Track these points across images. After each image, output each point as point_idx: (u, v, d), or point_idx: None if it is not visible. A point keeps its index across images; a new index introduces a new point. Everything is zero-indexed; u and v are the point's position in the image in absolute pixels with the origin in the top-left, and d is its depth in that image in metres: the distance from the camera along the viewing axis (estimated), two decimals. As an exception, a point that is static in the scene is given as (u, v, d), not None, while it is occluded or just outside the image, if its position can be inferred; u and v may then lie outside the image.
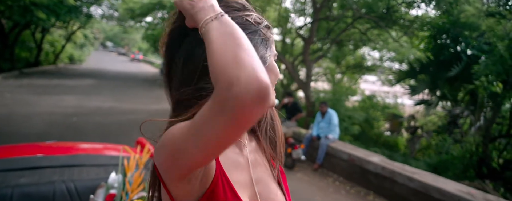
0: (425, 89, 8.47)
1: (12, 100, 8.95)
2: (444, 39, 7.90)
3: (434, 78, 7.94)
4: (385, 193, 4.27)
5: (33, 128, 6.31)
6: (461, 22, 5.78)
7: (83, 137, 5.89)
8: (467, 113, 7.22)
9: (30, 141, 5.21)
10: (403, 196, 4.00)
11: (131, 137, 6.17)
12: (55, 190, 1.57)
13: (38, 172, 1.67)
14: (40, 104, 8.69)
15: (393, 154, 8.41)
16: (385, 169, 4.25)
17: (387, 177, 4.22)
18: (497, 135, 5.19)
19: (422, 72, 8.47)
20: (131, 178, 1.55)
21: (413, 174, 3.96)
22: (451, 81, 7.38)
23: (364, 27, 9.11)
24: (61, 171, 1.72)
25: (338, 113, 8.85)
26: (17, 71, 15.25)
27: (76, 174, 1.72)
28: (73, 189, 1.60)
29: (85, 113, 8.07)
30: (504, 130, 5.05)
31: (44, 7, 11.89)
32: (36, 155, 1.87)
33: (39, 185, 1.57)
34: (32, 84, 12.48)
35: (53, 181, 1.61)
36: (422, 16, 8.20)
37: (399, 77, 9.25)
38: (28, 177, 1.62)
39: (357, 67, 13.14)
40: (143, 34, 20.66)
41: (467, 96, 7.66)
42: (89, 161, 1.86)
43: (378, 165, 4.37)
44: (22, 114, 7.44)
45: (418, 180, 3.82)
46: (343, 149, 5.07)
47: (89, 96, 10.57)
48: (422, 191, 3.73)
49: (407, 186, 3.93)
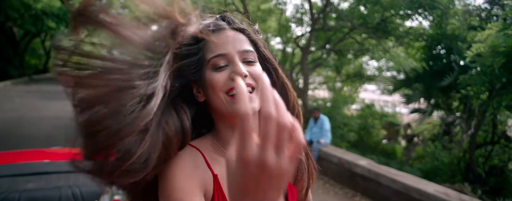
0: (420, 98, 8.70)
1: (22, 105, 9.34)
2: (438, 50, 8.16)
3: (428, 87, 8.18)
4: (371, 194, 4.50)
5: (41, 130, 6.65)
6: (448, 34, 6.05)
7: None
8: (459, 121, 7.44)
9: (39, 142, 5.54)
10: (386, 196, 4.23)
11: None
12: (61, 195, 1.59)
13: (44, 178, 1.71)
14: (48, 108, 9.05)
15: (389, 161, 8.59)
16: (371, 171, 4.49)
17: (373, 179, 4.46)
18: (483, 142, 5.39)
19: (417, 82, 8.71)
20: None
21: (396, 176, 4.20)
22: (444, 90, 7.62)
23: (361, 38, 9.40)
24: (67, 176, 1.75)
25: (335, 120, 9.12)
26: (26, 77, 15.75)
27: (81, 180, 1.75)
28: (79, 194, 1.63)
29: (90, 117, 8.41)
30: (489, 137, 5.27)
31: (54, 16, 12.39)
32: (43, 160, 1.93)
33: (46, 190, 1.60)
34: (40, 90, 12.90)
35: (59, 186, 1.64)
36: (416, 28, 8.48)
37: (395, 86, 9.49)
38: (35, 182, 1.66)
39: (357, 76, 13.40)
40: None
41: (461, 105, 7.88)
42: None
43: (365, 167, 4.61)
44: (31, 117, 7.80)
45: (401, 182, 4.05)
46: (333, 153, 5.32)
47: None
48: (404, 192, 3.96)
49: (391, 187, 4.17)
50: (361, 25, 8.07)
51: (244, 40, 0.75)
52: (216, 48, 0.71)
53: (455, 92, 6.62)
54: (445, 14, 6.18)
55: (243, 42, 0.74)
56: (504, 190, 4.66)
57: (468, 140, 5.49)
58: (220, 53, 0.71)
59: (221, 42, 0.72)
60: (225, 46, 0.72)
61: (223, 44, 0.72)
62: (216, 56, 0.71)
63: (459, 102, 7.91)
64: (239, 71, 0.69)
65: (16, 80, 14.33)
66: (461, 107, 7.90)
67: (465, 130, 6.81)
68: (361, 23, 8.02)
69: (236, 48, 0.72)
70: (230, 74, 0.71)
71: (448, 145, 6.12)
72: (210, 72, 0.71)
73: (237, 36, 0.74)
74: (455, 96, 7.14)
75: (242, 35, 0.75)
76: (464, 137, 6.79)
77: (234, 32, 0.74)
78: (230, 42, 0.72)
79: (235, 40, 0.73)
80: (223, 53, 0.71)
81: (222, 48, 0.71)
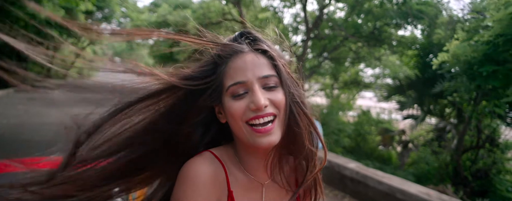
0: (413, 104, 8.93)
1: (24, 111, 9.57)
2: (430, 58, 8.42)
3: (421, 94, 8.42)
4: (359, 196, 4.69)
5: (43, 136, 6.84)
6: (435, 43, 6.31)
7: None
8: (450, 127, 7.65)
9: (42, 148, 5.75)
10: (373, 198, 4.42)
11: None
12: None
13: None
14: (50, 115, 9.27)
15: (384, 166, 8.77)
16: (359, 173, 4.68)
17: (361, 181, 4.65)
18: (470, 146, 5.60)
19: (411, 89, 8.95)
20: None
21: (383, 178, 4.40)
22: (436, 97, 7.84)
23: (356, 46, 9.67)
24: None
25: (329, 126, 9.32)
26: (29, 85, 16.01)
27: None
28: None
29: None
30: (475, 141, 5.48)
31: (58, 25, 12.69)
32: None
33: None
34: (43, 97, 13.13)
35: None
36: (408, 37, 8.75)
37: (390, 93, 9.74)
38: None
39: (354, 83, 13.63)
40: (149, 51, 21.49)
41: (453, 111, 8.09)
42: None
43: (354, 170, 4.81)
44: (33, 123, 8.02)
45: (386, 183, 4.25)
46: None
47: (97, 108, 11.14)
48: (389, 193, 4.15)
49: (377, 189, 4.36)
50: (355, 34, 8.34)
51: (265, 64, 0.69)
52: (235, 75, 0.68)
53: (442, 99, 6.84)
54: (432, 24, 6.44)
55: (264, 67, 0.68)
56: (488, 192, 4.85)
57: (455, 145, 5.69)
58: (238, 81, 0.67)
59: (240, 68, 0.67)
60: (244, 72, 0.67)
61: (242, 70, 0.67)
62: (234, 84, 0.67)
63: (452, 108, 8.14)
64: (258, 104, 0.65)
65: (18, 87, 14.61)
66: (454, 113, 8.12)
67: (455, 135, 7.02)
68: (354, 32, 8.29)
69: (256, 75, 0.67)
70: (250, 104, 0.67)
71: (437, 150, 6.32)
72: (229, 100, 0.68)
73: (257, 61, 0.69)
74: (447, 103, 7.36)
75: (263, 57, 0.70)
76: (454, 142, 6.99)
77: (255, 55, 0.69)
78: (249, 68, 0.67)
79: (255, 65, 0.68)
80: (241, 81, 0.67)
81: (241, 75, 0.67)
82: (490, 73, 3.70)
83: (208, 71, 0.71)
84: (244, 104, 0.67)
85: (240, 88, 0.68)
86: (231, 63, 0.69)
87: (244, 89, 0.68)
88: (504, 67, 3.59)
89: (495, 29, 3.51)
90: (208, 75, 0.71)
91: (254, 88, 0.67)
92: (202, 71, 0.71)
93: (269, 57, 0.70)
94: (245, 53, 0.70)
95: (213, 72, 0.71)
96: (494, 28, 3.53)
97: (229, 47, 0.71)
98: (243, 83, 0.67)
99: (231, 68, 0.68)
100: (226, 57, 0.69)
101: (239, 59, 0.69)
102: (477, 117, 5.17)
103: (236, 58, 0.69)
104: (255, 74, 0.68)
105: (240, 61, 0.68)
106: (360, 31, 8.14)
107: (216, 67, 0.71)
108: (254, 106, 0.66)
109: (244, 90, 0.68)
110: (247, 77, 0.67)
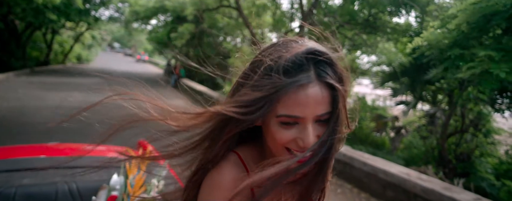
0: (406, 91, 9.12)
1: (24, 95, 9.74)
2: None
3: (413, 81, 8.60)
4: (345, 177, 4.92)
5: (43, 118, 7.04)
6: (427, 30, 6.42)
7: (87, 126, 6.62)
8: (440, 112, 7.85)
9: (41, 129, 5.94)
10: (358, 178, 4.66)
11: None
12: (58, 191, 1.57)
13: (40, 173, 1.69)
14: (49, 98, 9.46)
15: (377, 151, 9.04)
16: (346, 155, 4.90)
17: (347, 162, 4.88)
18: (455, 131, 5.81)
19: (404, 76, 9.12)
20: (133, 180, 1.54)
21: (367, 160, 4.61)
22: (427, 84, 8.02)
23: (351, 33, 9.77)
24: (63, 172, 1.72)
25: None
26: (28, 69, 16.16)
27: (78, 175, 1.81)
28: (75, 190, 1.61)
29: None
30: (459, 126, 5.69)
31: (55, 9, 12.75)
32: (39, 156, 1.92)
33: (42, 186, 1.58)
34: (42, 81, 13.30)
35: (56, 182, 1.62)
36: (402, 24, 8.85)
37: (384, 79, 9.91)
38: (31, 177, 1.64)
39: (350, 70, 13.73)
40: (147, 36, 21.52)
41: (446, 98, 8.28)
42: (91, 162, 2.12)
43: (341, 152, 5.02)
44: (33, 106, 8.20)
45: (371, 164, 4.47)
46: (315, 140, 5.72)
47: (95, 93, 11.33)
48: (372, 173, 4.38)
49: (362, 170, 4.58)
50: (350, 21, 8.44)
51: (327, 100, 0.61)
52: (293, 107, 0.60)
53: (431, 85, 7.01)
54: (424, 12, 6.54)
55: (324, 106, 0.61)
56: (470, 174, 5.08)
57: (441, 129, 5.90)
58: (295, 115, 0.60)
59: (300, 103, 0.60)
60: (303, 108, 0.60)
61: (302, 105, 0.60)
62: (288, 116, 0.61)
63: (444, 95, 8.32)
64: (308, 146, 0.61)
65: (18, 71, 14.75)
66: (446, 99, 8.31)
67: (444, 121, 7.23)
68: (349, 19, 8.38)
69: (315, 113, 0.61)
70: (298, 139, 0.63)
71: (425, 135, 6.54)
72: (276, 125, 0.63)
73: (320, 97, 0.60)
74: (436, 89, 7.53)
75: (327, 91, 0.61)
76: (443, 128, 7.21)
77: (320, 88, 0.61)
78: (311, 105, 0.60)
79: (317, 102, 0.60)
80: (297, 116, 0.61)
81: (299, 110, 0.60)
82: (457, 56, 3.91)
83: (263, 97, 0.61)
84: (291, 135, 0.63)
85: (292, 120, 0.62)
86: (292, 93, 0.59)
87: (295, 121, 0.62)
88: (469, 51, 3.82)
89: (460, 18, 3.68)
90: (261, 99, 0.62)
91: (307, 126, 0.61)
92: (256, 99, 0.61)
93: (333, 90, 0.62)
94: (309, 86, 0.60)
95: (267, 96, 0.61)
96: (459, 17, 3.70)
97: (294, 76, 0.60)
98: (297, 118, 0.61)
99: (291, 99, 0.60)
100: (286, 86, 0.59)
101: (302, 91, 0.59)
102: (462, 103, 5.35)
103: (299, 89, 0.59)
104: (314, 112, 0.61)
105: (303, 94, 0.59)
106: (355, 18, 8.23)
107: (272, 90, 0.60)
108: (302, 145, 0.62)
109: (295, 121, 0.62)
110: (304, 114, 0.60)
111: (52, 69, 19.25)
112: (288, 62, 0.60)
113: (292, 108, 0.60)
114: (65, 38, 24.37)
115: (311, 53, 0.61)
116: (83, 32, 24.46)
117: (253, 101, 0.61)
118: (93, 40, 30.82)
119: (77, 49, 26.97)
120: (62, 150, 2.26)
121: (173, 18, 15.73)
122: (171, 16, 15.90)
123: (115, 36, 54.39)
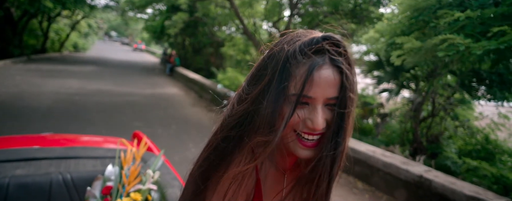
0: (390, 79, 9.51)
1: (22, 81, 10.05)
2: (406, 35, 8.88)
3: (396, 69, 8.98)
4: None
5: (41, 103, 7.39)
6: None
7: (84, 112, 6.99)
8: (419, 99, 8.26)
9: (39, 114, 6.30)
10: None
11: (124, 113, 7.25)
12: (52, 181, 1.55)
13: (34, 164, 1.67)
14: (47, 85, 9.79)
15: (362, 137, 9.49)
16: (321, 136, 5.32)
17: (323, 143, 5.29)
18: (427, 115, 6.24)
19: (389, 65, 9.50)
20: (128, 171, 1.53)
21: (340, 140, 5.03)
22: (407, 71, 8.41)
23: (337, 23, 10.09)
24: (57, 162, 1.71)
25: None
26: (25, 57, 16.40)
27: (72, 166, 1.71)
28: (70, 180, 1.59)
29: (86, 93, 9.16)
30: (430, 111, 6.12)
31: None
32: (32, 146, 1.89)
33: (35, 176, 1.56)
34: (39, 69, 13.58)
35: (50, 173, 1.60)
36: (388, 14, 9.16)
37: (370, 68, 10.30)
38: (24, 168, 1.62)
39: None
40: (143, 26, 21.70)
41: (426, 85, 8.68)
42: (86, 153, 1.86)
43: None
44: (31, 92, 8.52)
45: (343, 144, 4.88)
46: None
47: (91, 80, 11.67)
48: (343, 151, 4.80)
49: (335, 149, 5.00)
50: (336, 11, 8.75)
51: (337, 83, 0.62)
52: (305, 86, 0.61)
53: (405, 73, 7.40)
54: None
55: (335, 88, 0.62)
56: (439, 154, 5.51)
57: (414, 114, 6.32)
58: (306, 95, 0.61)
59: (313, 82, 0.61)
60: (315, 89, 0.61)
61: (314, 85, 0.61)
62: (299, 96, 0.61)
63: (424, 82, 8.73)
64: (317, 127, 0.61)
65: (15, 59, 15.00)
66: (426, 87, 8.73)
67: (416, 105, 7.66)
68: (335, 9, 8.70)
69: (325, 95, 0.62)
70: (307, 120, 0.63)
71: (402, 120, 6.97)
72: (285, 104, 0.62)
73: (332, 79, 0.62)
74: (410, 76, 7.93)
75: (339, 75, 0.62)
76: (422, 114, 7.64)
77: (332, 71, 0.62)
78: (322, 86, 0.61)
79: (329, 84, 0.61)
80: (309, 96, 0.61)
81: (311, 90, 0.61)
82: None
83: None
84: (301, 115, 0.63)
85: (303, 99, 0.62)
86: (306, 72, 0.61)
87: (306, 101, 0.62)
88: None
89: (401, 11, 4.04)
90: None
91: (317, 107, 0.62)
92: (271, 75, 0.63)
93: (342, 78, 0.63)
94: (323, 67, 0.61)
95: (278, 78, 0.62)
96: (400, 10, 4.06)
97: (309, 57, 0.62)
98: (309, 98, 0.61)
99: (304, 78, 0.61)
100: (301, 65, 0.61)
101: (316, 71, 0.61)
102: (432, 89, 5.75)
103: (313, 69, 0.61)
104: (325, 94, 0.61)
105: (316, 75, 0.60)
106: (339, 8, 8.55)
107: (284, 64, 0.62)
108: (311, 126, 0.62)
109: (306, 101, 0.62)
110: (315, 95, 0.61)
111: (49, 57, 19.47)
112: (304, 45, 0.62)
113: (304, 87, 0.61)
114: (62, 26, 24.48)
115: (327, 39, 0.63)
116: (79, 20, 24.58)
117: (266, 79, 0.63)
118: (89, 28, 30.88)
119: (74, 37, 27.09)
120: (56, 140, 2.24)
121: (167, 7, 15.94)
122: (165, 5, 16.11)
123: (112, 25, 54.21)
